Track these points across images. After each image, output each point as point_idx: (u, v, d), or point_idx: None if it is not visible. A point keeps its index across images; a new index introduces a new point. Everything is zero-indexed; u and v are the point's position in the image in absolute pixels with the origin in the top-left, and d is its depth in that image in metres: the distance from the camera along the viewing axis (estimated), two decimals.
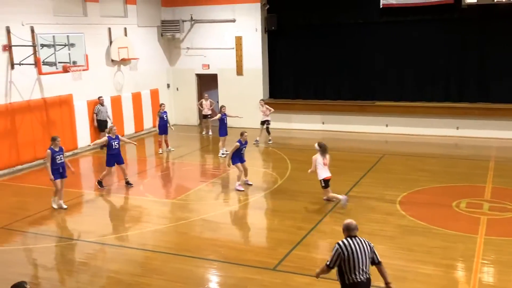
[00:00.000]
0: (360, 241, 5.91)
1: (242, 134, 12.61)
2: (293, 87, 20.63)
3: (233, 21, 20.33)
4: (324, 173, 11.13)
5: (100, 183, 13.07)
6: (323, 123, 19.90)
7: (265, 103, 18.19)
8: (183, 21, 20.82)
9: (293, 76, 20.54)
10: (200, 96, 21.17)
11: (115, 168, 13.27)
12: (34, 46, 14.77)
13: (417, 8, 17.81)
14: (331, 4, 19.23)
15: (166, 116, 16.67)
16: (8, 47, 14.56)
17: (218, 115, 16.24)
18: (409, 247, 9.01)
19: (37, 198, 12.36)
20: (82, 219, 11.26)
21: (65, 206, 11.54)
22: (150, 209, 11.78)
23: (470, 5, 16.76)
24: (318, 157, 11.12)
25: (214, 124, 17.46)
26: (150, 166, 15.91)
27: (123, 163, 13.17)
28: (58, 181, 11.30)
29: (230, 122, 16.75)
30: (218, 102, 20.19)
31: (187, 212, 11.34)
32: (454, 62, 18.16)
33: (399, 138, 18.31)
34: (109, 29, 18.36)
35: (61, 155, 11.32)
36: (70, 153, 16.47)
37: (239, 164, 12.59)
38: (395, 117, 18.76)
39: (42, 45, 14.54)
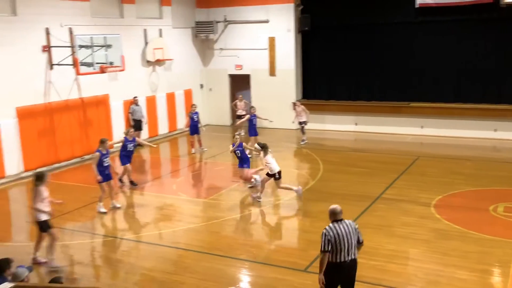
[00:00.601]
0: (346, 224, 6.25)
1: (234, 136, 12.73)
2: (326, 88, 20.49)
3: (267, 21, 20.36)
4: (277, 167, 11.67)
5: (132, 182, 13.34)
6: (356, 124, 19.73)
7: (301, 104, 18.20)
8: (217, 22, 20.99)
9: (327, 77, 20.40)
10: (233, 97, 21.28)
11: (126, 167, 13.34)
12: (72, 47, 15.12)
13: (454, 7, 17.43)
14: (365, 4, 19.00)
15: (197, 117, 16.74)
16: (48, 48, 14.98)
17: (247, 116, 16.36)
18: (443, 251, 8.84)
19: (74, 196, 12.60)
20: (116, 217, 11.45)
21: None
22: (182, 208, 11.93)
23: (509, 4, 16.34)
24: (268, 156, 11.67)
25: (247, 125, 17.53)
26: (183, 166, 16.09)
27: (130, 163, 13.36)
28: (105, 183, 11.41)
29: (262, 123, 16.71)
30: (251, 102, 20.24)
31: (219, 212, 11.43)
32: (491, 62, 17.67)
33: (434, 140, 17.96)
34: (145, 30, 18.66)
35: (108, 158, 11.45)
36: None
37: (245, 168, 12.72)
38: (431, 118, 18.45)
39: (80, 46, 14.86)
